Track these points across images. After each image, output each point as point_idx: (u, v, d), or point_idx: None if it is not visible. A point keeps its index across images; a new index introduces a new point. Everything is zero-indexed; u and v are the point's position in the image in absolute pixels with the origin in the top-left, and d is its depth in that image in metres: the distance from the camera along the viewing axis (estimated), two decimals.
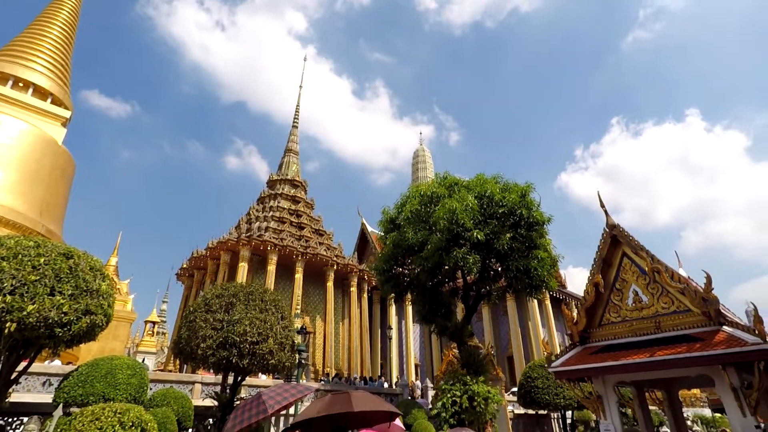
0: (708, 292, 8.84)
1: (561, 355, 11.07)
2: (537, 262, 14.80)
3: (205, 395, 14.92)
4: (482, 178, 16.21)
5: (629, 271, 10.38)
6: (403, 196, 17.68)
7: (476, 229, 14.35)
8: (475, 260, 14.49)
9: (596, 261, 10.69)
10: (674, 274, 9.63)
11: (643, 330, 9.84)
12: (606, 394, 10.25)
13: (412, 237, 15.40)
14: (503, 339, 34.70)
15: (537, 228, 14.92)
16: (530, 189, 15.18)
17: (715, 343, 8.32)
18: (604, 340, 10.46)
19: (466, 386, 14.37)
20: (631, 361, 9.37)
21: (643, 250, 10.03)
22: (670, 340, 9.23)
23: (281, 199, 32.86)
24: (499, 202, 14.80)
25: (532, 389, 18.96)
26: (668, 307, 9.56)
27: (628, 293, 10.27)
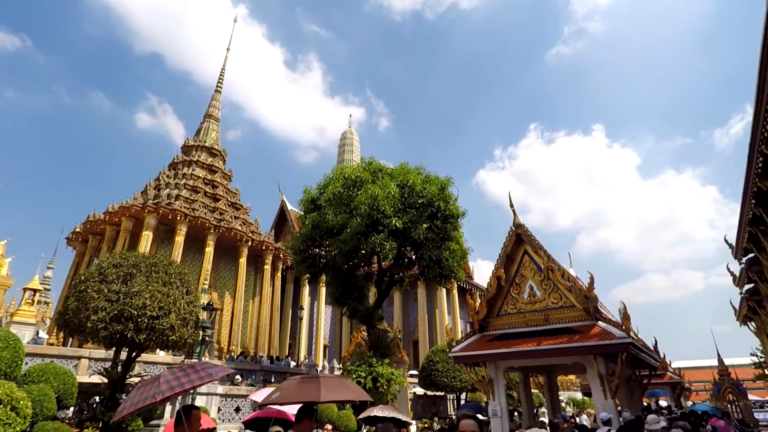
0: (590, 291, 9.99)
1: (461, 342, 11.84)
2: (449, 253, 15.56)
3: (93, 371, 13.77)
4: (406, 167, 16.59)
5: (528, 267, 11.36)
6: (327, 178, 17.55)
7: (395, 217, 14.72)
8: (391, 247, 14.88)
9: (501, 256, 11.53)
10: (565, 273, 10.72)
11: (534, 321, 10.86)
12: (497, 378, 11.18)
13: (332, 219, 15.38)
14: (411, 324, 36.18)
15: (452, 221, 15.65)
16: (449, 183, 15.86)
17: (591, 336, 9.45)
18: (501, 329, 11.37)
19: (371, 368, 14.84)
20: (521, 348, 10.32)
21: (541, 249, 11.01)
22: (555, 331, 10.29)
23: (196, 167, 30.87)
24: (419, 193, 15.27)
25: (433, 372, 20.09)
26: (557, 302, 10.63)
27: (525, 288, 11.24)
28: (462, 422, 2.45)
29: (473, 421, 2.46)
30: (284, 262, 32.44)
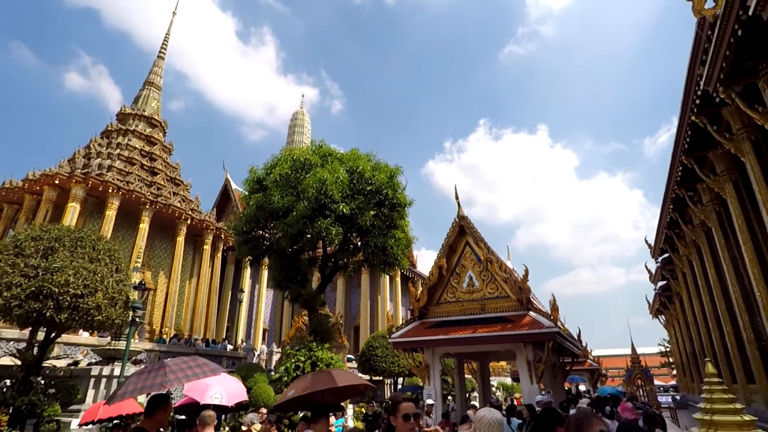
0: (524, 283, 10.54)
1: (401, 328, 12.09)
2: (394, 241, 15.76)
3: (4, 352, 12.68)
4: (356, 153, 16.51)
5: (469, 258, 11.77)
6: (275, 158, 17.09)
7: (343, 203, 14.65)
8: (338, 232, 14.82)
9: (444, 246, 11.86)
10: (503, 265, 11.23)
11: (472, 310, 11.31)
12: (433, 364, 11.56)
13: (278, 201, 15.05)
14: (353, 310, 36.43)
15: (399, 209, 15.82)
16: (399, 172, 15.99)
17: (522, 325, 10.00)
18: (439, 317, 11.74)
19: (311, 352, 14.81)
20: (457, 336, 10.72)
21: (482, 242, 11.45)
22: (490, 320, 10.79)
23: (133, 137, 28.88)
24: (368, 180, 15.27)
25: (372, 357, 20.42)
26: (493, 292, 11.13)
27: (464, 277, 11.65)
28: (402, 405, 2.51)
29: (413, 403, 2.53)
30: (225, 242, 31.37)
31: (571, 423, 2.12)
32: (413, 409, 2.50)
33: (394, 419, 2.49)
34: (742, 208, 12.85)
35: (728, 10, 8.14)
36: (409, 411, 2.49)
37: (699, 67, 10.53)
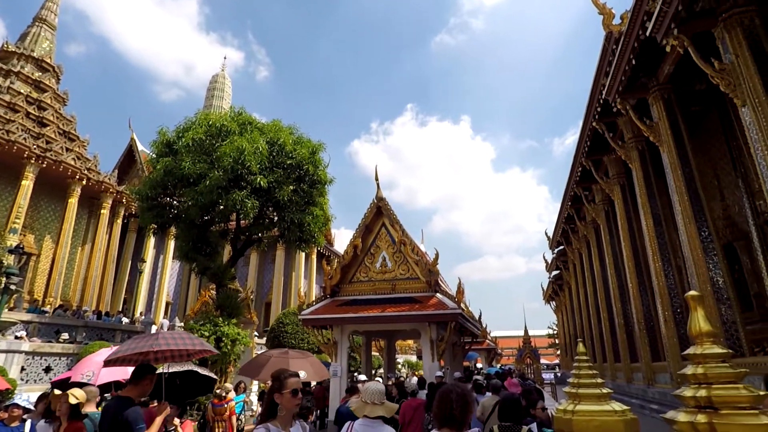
0: (434, 266, 10.98)
1: (312, 305, 12.04)
2: (312, 218, 15.48)
3: None
4: (278, 125, 15.85)
5: (384, 239, 11.98)
6: (188, 121, 15.84)
7: (261, 175, 14.05)
8: (253, 205, 14.21)
9: (360, 226, 11.93)
10: (415, 247, 11.59)
11: (383, 290, 11.57)
12: (341, 341, 11.70)
13: (189, 167, 14.01)
14: (266, 285, 35.59)
15: (319, 186, 15.54)
16: (321, 148, 15.65)
17: (429, 306, 10.45)
18: (351, 296, 11.86)
19: (216, 327, 14.20)
20: (367, 314, 10.93)
21: (398, 224, 11.69)
22: (399, 300, 11.12)
23: (17, 80, 25.05)
24: (289, 153, 14.77)
25: (282, 334, 20.18)
26: (405, 273, 11.47)
27: (378, 258, 11.86)
28: (289, 380, 2.45)
29: (299, 378, 2.48)
30: (128, 208, 28.75)
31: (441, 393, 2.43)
32: (299, 385, 2.46)
33: (280, 396, 2.42)
34: (625, 210, 14.49)
35: (631, 28, 8.96)
36: (296, 386, 2.45)
37: (603, 77, 11.55)
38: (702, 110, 12.52)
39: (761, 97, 6.97)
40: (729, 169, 12.32)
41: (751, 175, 10.69)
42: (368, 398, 2.97)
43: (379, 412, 2.91)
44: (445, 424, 2.29)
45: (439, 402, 2.38)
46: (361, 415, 2.94)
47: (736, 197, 12.23)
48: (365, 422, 2.89)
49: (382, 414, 2.94)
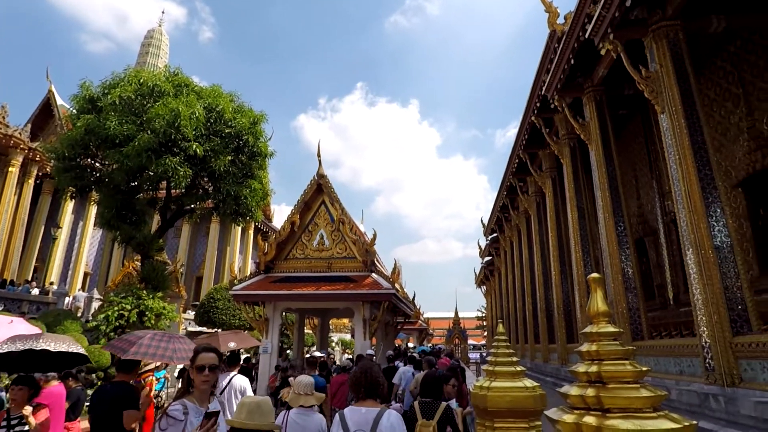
0: (371, 246, 11.05)
1: (245, 281, 11.72)
2: (249, 192, 14.93)
3: None
4: (218, 90, 14.99)
5: (323, 217, 11.85)
6: (117, 77, 14.55)
7: (197, 142, 13.28)
8: (186, 173, 13.43)
9: (299, 202, 11.70)
10: (354, 227, 11.57)
11: (319, 268, 11.49)
12: (273, 318, 11.53)
13: (115, 127, 12.92)
14: (198, 259, 34.14)
15: (259, 158, 14.98)
16: (263, 119, 15.04)
17: (363, 285, 10.54)
18: (286, 272, 11.67)
19: (139, 300, 13.44)
20: (301, 291, 10.82)
21: (338, 202, 11.59)
22: (335, 278, 11.11)
23: None
24: (228, 122, 14.06)
25: (212, 309, 19.53)
26: (342, 252, 11.45)
27: (316, 235, 11.72)
28: (201, 355, 2.31)
29: (214, 354, 2.35)
30: (42, 168, 26.13)
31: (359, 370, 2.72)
32: (211, 361, 2.29)
33: (192, 371, 2.30)
34: (555, 202, 15.38)
35: (572, 29, 9.35)
36: (204, 362, 2.27)
37: (544, 74, 12.03)
38: (628, 114, 13.47)
39: (678, 106, 7.59)
40: (646, 171, 13.42)
41: (663, 177, 11.72)
42: (301, 390, 3.38)
43: (312, 401, 3.35)
44: (369, 395, 2.60)
45: (362, 376, 2.64)
46: (297, 405, 3.33)
47: (649, 197, 13.39)
48: (300, 411, 3.31)
49: (314, 403, 3.36)
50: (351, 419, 2.48)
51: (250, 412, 2.04)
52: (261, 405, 2.08)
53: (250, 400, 2.14)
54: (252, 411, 2.04)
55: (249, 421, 2.01)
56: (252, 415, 2.03)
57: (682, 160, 7.35)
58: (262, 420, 2.03)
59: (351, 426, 2.45)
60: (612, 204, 10.11)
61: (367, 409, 2.52)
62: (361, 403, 2.59)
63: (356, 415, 2.50)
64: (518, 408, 2.67)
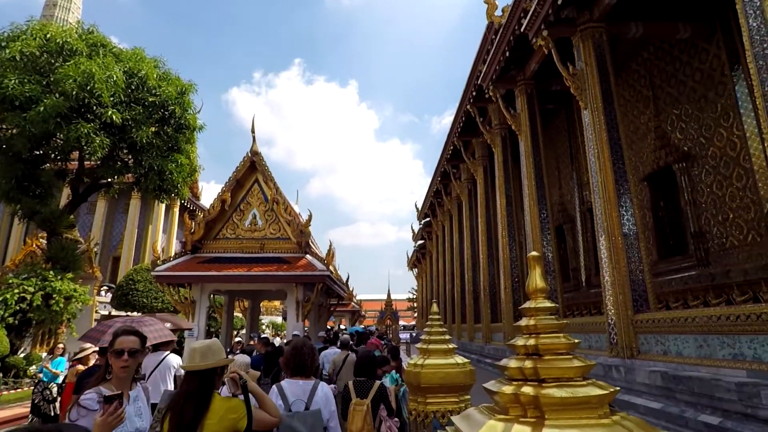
0: (306, 227, 10.88)
1: (169, 261, 11.06)
2: (175, 167, 14.00)
3: None
4: (140, 54, 13.76)
5: (256, 196, 11.43)
6: (16, 29, 12.84)
7: (114, 109, 12.15)
8: (103, 143, 12.28)
9: (231, 180, 11.18)
10: (289, 207, 11.31)
11: (251, 249, 11.12)
12: (201, 300, 11.03)
13: (15, 87, 11.45)
14: (116, 238, 31.61)
15: (186, 131, 14.05)
16: (192, 89, 14.07)
17: (297, 267, 10.38)
18: (215, 253, 11.16)
19: (45, 282, 12.22)
20: (231, 273, 10.43)
21: (272, 181, 11.24)
22: (268, 260, 10.83)
23: None
24: (152, 89, 13.00)
25: (131, 291, 18.27)
26: (275, 233, 11.16)
27: (248, 215, 11.31)
28: (119, 338, 2.13)
29: (135, 337, 2.17)
30: None
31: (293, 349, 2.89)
32: (131, 344, 2.12)
33: (110, 355, 2.11)
34: (485, 189, 16.06)
35: (509, 22, 9.67)
36: (123, 346, 2.10)
37: (481, 64, 12.38)
38: (554, 108, 14.32)
39: (599, 103, 8.19)
40: (567, 162, 14.41)
41: (582, 169, 12.66)
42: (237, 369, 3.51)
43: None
44: (298, 373, 2.78)
45: (292, 354, 2.82)
46: None
47: (569, 187, 14.42)
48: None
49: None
50: (289, 390, 2.70)
51: (203, 355, 2.15)
52: (211, 346, 2.21)
53: (199, 345, 2.23)
54: (204, 353, 2.16)
55: (203, 362, 2.13)
56: (205, 356, 2.15)
57: (599, 153, 7.97)
58: (215, 358, 2.16)
59: (290, 396, 2.67)
60: (537, 193, 10.76)
61: (304, 381, 2.76)
62: (299, 378, 2.80)
63: (294, 386, 2.73)
64: (450, 383, 2.79)
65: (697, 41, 9.25)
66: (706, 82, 9.13)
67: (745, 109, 8.06)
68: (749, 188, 8.11)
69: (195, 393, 2.06)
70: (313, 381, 2.78)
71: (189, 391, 2.07)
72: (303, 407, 2.65)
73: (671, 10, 9.03)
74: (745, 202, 8.22)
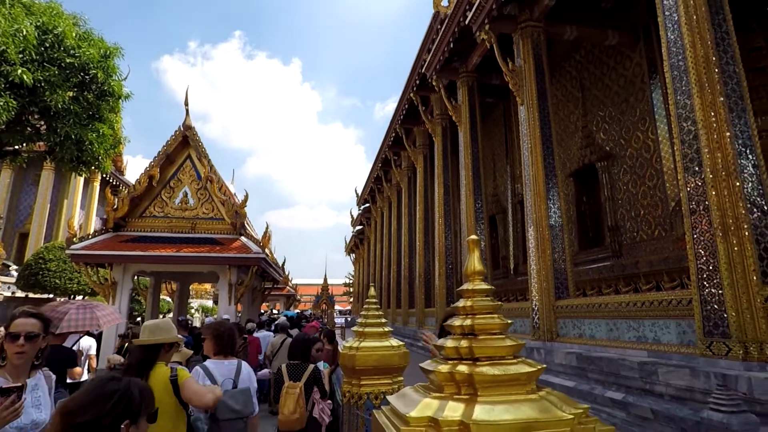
0: (241, 208, 10.48)
1: (87, 239, 10.20)
2: (96, 137, 12.82)
3: None
4: (56, 8, 12.34)
5: (188, 173, 10.80)
6: None
7: (24, 68, 10.84)
8: (8, 105, 10.93)
9: (160, 155, 10.45)
10: (223, 186, 10.81)
11: (181, 228, 10.54)
12: (123, 282, 10.31)
13: None
14: (23, 212, 28.58)
15: (111, 99, 12.87)
16: (118, 53, 12.88)
17: (231, 249, 10.00)
18: (140, 231, 10.45)
19: None
20: (159, 253, 9.82)
21: (206, 158, 10.66)
22: (199, 240, 10.32)
23: None
24: (70, 49, 11.75)
25: (42, 271, 16.66)
26: (208, 213, 10.65)
27: (179, 193, 10.66)
28: (16, 320, 1.90)
29: (35, 320, 1.95)
30: None
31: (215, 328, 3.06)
32: (28, 328, 1.91)
33: (5, 339, 1.89)
34: (425, 177, 16.38)
35: (455, 13, 9.81)
36: (19, 329, 1.89)
37: (425, 53, 12.49)
38: (493, 102, 14.84)
39: (534, 101, 8.59)
40: (502, 155, 15.06)
41: (516, 163, 13.29)
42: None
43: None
44: (221, 352, 2.97)
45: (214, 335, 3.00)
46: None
47: (503, 179, 15.10)
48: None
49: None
50: (216, 371, 2.82)
51: (152, 331, 2.36)
52: (160, 324, 2.43)
53: (150, 323, 2.47)
54: (154, 330, 2.37)
55: (152, 337, 2.33)
56: (155, 333, 2.36)
57: (533, 148, 8.40)
58: (164, 335, 2.37)
59: (218, 376, 2.78)
60: (473, 183, 11.15)
61: (229, 361, 2.92)
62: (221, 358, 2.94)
63: (220, 367, 2.86)
64: (384, 365, 2.83)
65: (623, 49, 9.96)
66: (628, 87, 9.89)
67: (660, 115, 8.85)
68: (659, 188, 8.96)
69: (135, 365, 2.31)
70: (236, 360, 2.96)
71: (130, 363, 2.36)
72: (231, 386, 2.78)
73: (603, 17, 9.64)
74: (655, 200, 9.08)
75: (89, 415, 1.12)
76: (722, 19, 5.17)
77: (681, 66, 5.19)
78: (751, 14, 7.64)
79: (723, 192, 4.58)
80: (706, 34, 5.02)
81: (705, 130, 4.79)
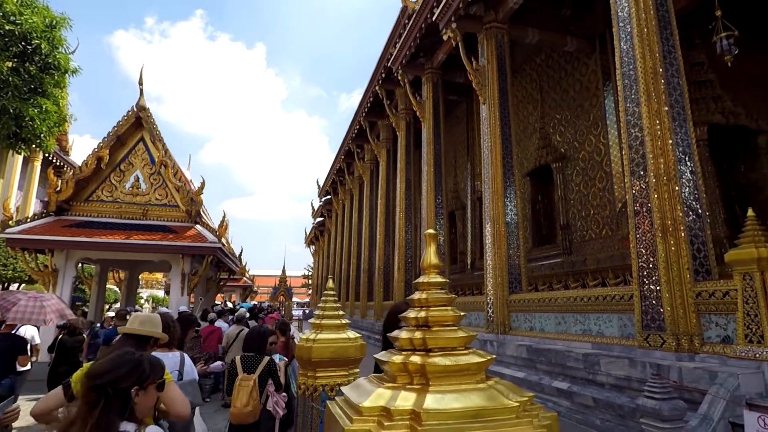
0: (198, 195, 10.13)
1: (25, 222, 9.54)
2: (39, 112, 11.94)
3: None
4: None
5: (140, 156, 10.30)
6: None
7: None
8: None
9: (111, 135, 9.90)
10: (178, 172, 10.40)
11: (131, 214, 10.06)
12: (65, 269, 9.73)
13: None
14: None
15: (56, 73, 11.97)
16: (65, 23, 11.96)
17: (185, 237, 9.66)
18: (86, 216, 9.89)
19: None
20: (106, 240, 9.34)
21: (160, 142, 10.20)
22: (151, 227, 9.90)
23: None
24: (10, 16, 10.84)
25: None
26: (161, 199, 10.22)
27: (130, 177, 10.16)
28: None
29: None
30: None
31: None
32: None
33: None
34: (387, 171, 16.43)
35: (422, 9, 9.85)
36: None
37: (392, 47, 12.48)
38: (456, 100, 15.06)
39: (496, 100, 8.80)
40: (464, 153, 15.34)
41: (476, 160, 13.59)
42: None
43: None
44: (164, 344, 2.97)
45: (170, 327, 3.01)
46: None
47: (463, 176, 15.40)
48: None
49: None
50: None
51: (142, 323, 2.39)
52: (151, 318, 2.47)
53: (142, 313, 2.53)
54: (144, 321, 2.40)
55: (141, 328, 2.37)
56: (144, 324, 2.39)
57: (492, 147, 8.61)
58: (152, 329, 2.41)
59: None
60: (435, 179, 11.31)
61: (173, 353, 2.94)
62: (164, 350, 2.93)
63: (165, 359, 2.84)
64: (341, 357, 2.84)
65: (580, 55, 10.37)
66: (583, 92, 10.32)
67: (611, 121, 9.30)
68: (608, 189, 9.43)
69: None
70: (179, 352, 2.98)
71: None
72: (177, 377, 2.77)
73: (563, 24, 9.97)
74: (603, 201, 9.56)
75: (107, 378, 1.42)
76: (669, 33, 5.48)
77: (632, 75, 5.47)
78: (695, 31, 8.15)
79: (664, 195, 4.89)
80: (655, 47, 5.32)
81: (650, 137, 5.09)
